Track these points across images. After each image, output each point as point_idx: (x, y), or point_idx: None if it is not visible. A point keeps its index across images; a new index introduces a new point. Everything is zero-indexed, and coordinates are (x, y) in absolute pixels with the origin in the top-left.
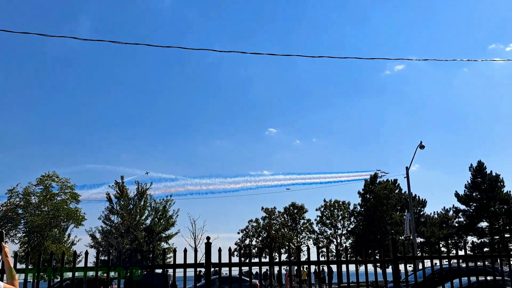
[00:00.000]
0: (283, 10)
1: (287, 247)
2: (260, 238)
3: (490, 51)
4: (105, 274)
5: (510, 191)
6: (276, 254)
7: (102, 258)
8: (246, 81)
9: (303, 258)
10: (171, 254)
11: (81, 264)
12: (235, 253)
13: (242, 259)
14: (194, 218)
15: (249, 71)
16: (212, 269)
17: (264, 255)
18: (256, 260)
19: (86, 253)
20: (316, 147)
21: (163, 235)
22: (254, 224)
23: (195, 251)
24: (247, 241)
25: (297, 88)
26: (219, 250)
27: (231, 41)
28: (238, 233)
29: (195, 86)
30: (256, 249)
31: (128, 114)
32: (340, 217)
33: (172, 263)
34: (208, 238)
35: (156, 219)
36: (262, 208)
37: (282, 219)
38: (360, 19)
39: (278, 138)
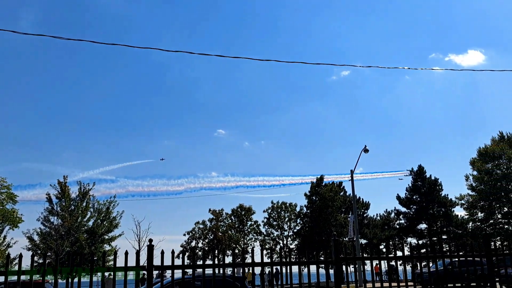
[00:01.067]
0: (233, 13)
1: (233, 249)
2: (206, 240)
3: (431, 60)
4: (40, 278)
5: (447, 195)
6: (222, 256)
7: (41, 261)
8: (194, 82)
9: (252, 259)
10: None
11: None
12: (181, 255)
13: (188, 261)
14: (138, 220)
15: (197, 71)
16: (157, 272)
17: (210, 257)
18: (207, 262)
19: (20, 255)
20: (265, 150)
21: (106, 237)
22: (201, 226)
23: (137, 253)
24: (193, 243)
25: (246, 91)
26: (162, 252)
27: (178, 41)
28: (184, 235)
29: (141, 85)
30: (202, 251)
31: (70, 111)
32: (287, 218)
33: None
34: (150, 240)
35: (99, 220)
36: (210, 209)
37: (230, 221)
38: (308, 25)
39: (227, 139)
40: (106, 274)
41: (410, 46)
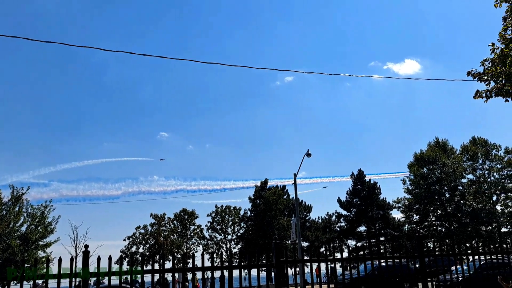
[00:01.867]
0: (177, 15)
1: (175, 254)
2: (147, 245)
3: (370, 68)
4: None
5: (385, 198)
6: (162, 261)
7: None
8: (135, 83)
9: (201, 264)
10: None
11: None
12: (121, 261)
13: (128, 267)
14: (76, 225)
15: (138, 73)
16: (95, 279)
17: (151, 262)
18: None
19: None
20: (209, 153)
21: (41, 243)
22: (142, 231)
23: (72, 260)
24: (133, 249)
25: (190, 93)
26: (98, 258)
27: (117, 42)
28: (125, 240)
29: (79, 85)
30: (142, 256)
31: (3, 112)
32: (231, 222)
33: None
34: (86, 246)
35: (33, 226)
36: (151, 214)
37: (172, 225)
38: (254, 30)
39: (170, 142)
40: (40, 281)
41: (351, 54)
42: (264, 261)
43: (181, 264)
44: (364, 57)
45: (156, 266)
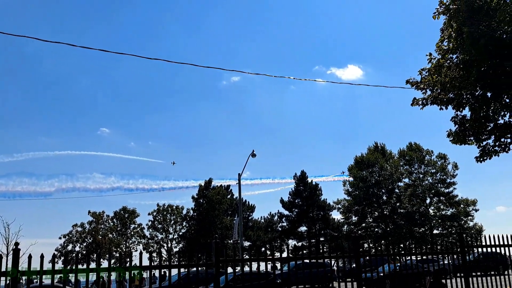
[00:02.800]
0: (120, 10)
1: (114, 252)
2: (85, 244)
3: (314, 72)
4: None
5: (326, 199)
6: (97, 259)
7: None
8: (74, 76)
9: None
10: None
11: None
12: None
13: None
14: (8, 222)
15: (79, 66)
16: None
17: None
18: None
19: None
20: (152, 151)
21: None
22: (79, 228)
23: (1, 258)
24: (69, 247)
25: (134, 89)
26: (29, 257)
27: (55, 33)
28: (60, 238)
29: (12, 77)
30: (76, 255)
31: None
32: (173, 221)
33: None
34: (17, 244)
35: None
36: (89, 212)
37: (112, 223)
38: (198, 28)
39: (111, 138)
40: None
41: (296, 57)
42: (205, 261)
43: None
44: (308, 61)
45: (93, 265)
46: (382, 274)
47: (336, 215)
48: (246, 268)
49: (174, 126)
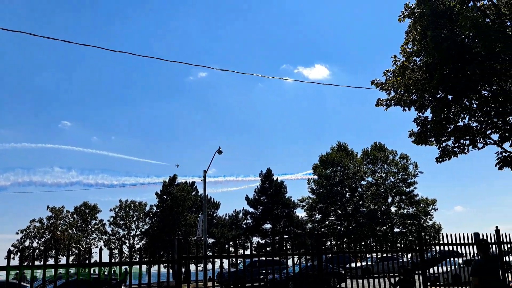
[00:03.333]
0: (86, 2)
1: (73, 249)
2: (43, 240)
3: (282, 70)
4: None
5: (291, 197)
6: (56, 256)
7: None
8: (35, 67)
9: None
10: None
11: None
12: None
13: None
14: None
15: (39, 56)
16: None
17: (44, 257)
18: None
19: None
20: (114, 145)
21: None
22: (38, 224)
23: None
24: (27, 243)
25: (97, 82)
26: None
27: (17, 23)
28: (17, 233)
29: None
30: (32, 251)
31: None
32: (135, 218)
33: None
34: None
35: None
36: (48, 207)
37: (72, 219)
38: (166, 23)
39: (73, 132)
40: None
41: (264, 55)
42: (166, 258)
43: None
44: (276, 59)
45: (51, 262)
46: (285, 276)
47: (301, 213)
48: (210, 266)
49: (138, 121)
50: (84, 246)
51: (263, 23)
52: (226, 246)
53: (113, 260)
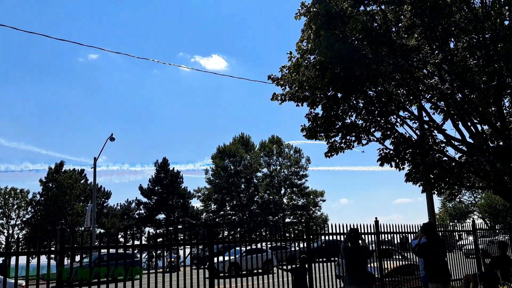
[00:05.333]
0: None
1: None
2: None
3: (179, 58)
4: None
5: (186, 187)
6: None
7: None
8: None
9: None
10: None
11: None
12: None
13: None
14: None
15: None
16: None
17: None
18: None
19: None
20: None
21: None
22: None
23: None
24: None
25: None
26: None
27: None
28: None
29: None
30: None
31: None
32: (16, 206)
33: None
34: None
35: None
36: None
37: None
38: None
39: None
40: None
41: (160, 41)
42: (49, 248)
43: None
44: (173, 46)
45: None
46: None
47: (196, 203)
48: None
49: (22, 102)
50: None
51: (160, 7)
52: (120, 236)
53: None
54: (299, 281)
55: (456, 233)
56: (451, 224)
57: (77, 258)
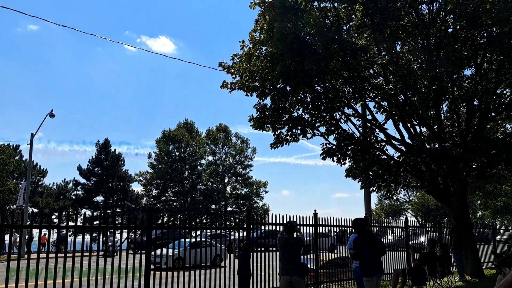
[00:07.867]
0: None
1: None
2: None
3: (124, 37)
4: None
5: (127, 170)
6: None
7: None
8: None
9: None
10: None
11: None
12: None
13: None
14: None
15: None
16: None
17: None
18: None
19: None
20: None
21: None
22: None
23: None
24: None
25: None
26: None
27: None
28: None
29: None
30: None
31: None
32: None
33: None
34: None
35: None
36: None
37: None
38: None
39: None
40: None
41: (104, 18)
42: None
43: None
44: (118, 24)
45: None
46: None
47: (137, 187)
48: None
49: None
50: None
51: None
52: (55, 217)
53: None
54: (244, 265)
55: (389, 229)
56: (385, 220)
57: (7, 237)
